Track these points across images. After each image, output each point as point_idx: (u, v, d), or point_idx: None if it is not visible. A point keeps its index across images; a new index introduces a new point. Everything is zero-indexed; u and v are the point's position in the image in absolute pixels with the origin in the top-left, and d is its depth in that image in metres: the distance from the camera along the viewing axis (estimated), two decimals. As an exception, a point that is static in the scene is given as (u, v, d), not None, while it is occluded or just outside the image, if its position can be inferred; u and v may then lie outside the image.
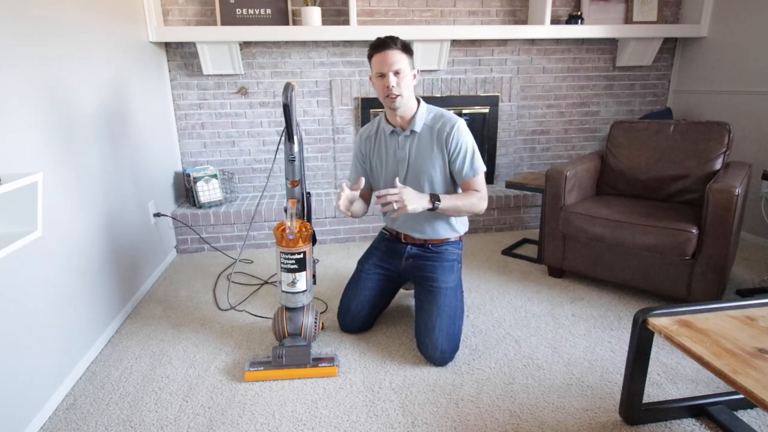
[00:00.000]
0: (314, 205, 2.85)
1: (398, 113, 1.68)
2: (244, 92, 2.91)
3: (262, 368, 1.60)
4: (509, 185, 2.62)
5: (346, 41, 2.90)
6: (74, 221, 1.69)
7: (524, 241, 2.87)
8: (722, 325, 1.22)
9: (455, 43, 2.99)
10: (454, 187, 1.76)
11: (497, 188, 3.15)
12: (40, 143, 1.50)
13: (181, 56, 2.82)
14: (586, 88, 3.24)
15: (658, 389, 1.51)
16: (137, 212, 2.27)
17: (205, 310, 2.10)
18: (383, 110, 1.77)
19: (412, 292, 2.14)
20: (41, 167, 1.50)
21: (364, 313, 1.83)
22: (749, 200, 2.67)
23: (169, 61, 2.82)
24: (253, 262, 2.66)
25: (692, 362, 1.64)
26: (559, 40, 3.10)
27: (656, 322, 1.24)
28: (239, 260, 2.67)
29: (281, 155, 3.02)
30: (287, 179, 1.66)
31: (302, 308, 1.65)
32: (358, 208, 1.71)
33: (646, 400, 1.43)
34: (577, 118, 3.30)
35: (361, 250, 2.68)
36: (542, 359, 1.68)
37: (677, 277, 1.96)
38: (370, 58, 1.64)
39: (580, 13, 2.96)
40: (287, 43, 2.87)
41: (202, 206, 2.80)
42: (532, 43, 3.10)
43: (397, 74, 1.59)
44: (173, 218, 2.70)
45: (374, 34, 2.61)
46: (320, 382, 1.58)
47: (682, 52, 3.24)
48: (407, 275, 1.86)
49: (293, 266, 1.57)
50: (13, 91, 1.38)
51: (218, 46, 2.69)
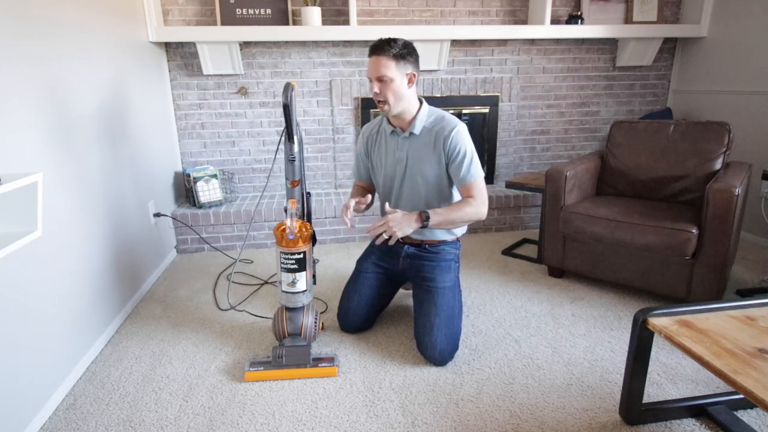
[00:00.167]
0: (314, 205, 2.85)
1: (391, 117, 1.68)
2: (244, 92, 2.91)
3: (262, 368, 1.60)
4: (509, 185, 2.62)
5: (346, 41, 2.90)
6: (74, 221, 1.69)
7: (524, 241, 2.87)
8: (722, 325, 1.22)
9: (455, 43, 2.99)
10: (450, 190, 1.76)
11: (497, 188, 3.15)
12: (40, 143, 1.50)
13: (181, 56, 2.82)
14: (586, 88, 3.24)
15: (658, 389, 1.51)
16: (137, 212, 2.27)
17: (205, 310, 2.10)
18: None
19: (411, 292, 2.13)
20: (41, 167, 1.50)
21: (363, 312, 1.83)
22: (749, 200, 2.68)
23: (169, 61, 2.82)
24: (253, 262, 2.67)
25: (692, 362, 1.64)
26: (559, 40, 3.10)
27: (656, 322, 1.24)
28: (239, 260, 2.67)
29: (281, 155, 3.02)
30: (287, 179, 1.66)
31: (302, 308, 1.65)
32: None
33: (646, 400, 1.43)
34: (577, 118, 3.30)
35: (360, 250, 2.68)
36: (542, 359, 1.68)
37: (677, 277, 1.96)
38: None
39: (580, 13, 2.96)
40: (287, 43, 2.87)
41: (202, 206, 2.80)
42: (532, 43, 3.10)
43: (381, 81, 1.58)
44: (173, 218, 2.70)
45: (374, 34, 2.62)
46: (320, 382, 1.58)
47: (682, 52, 3.24)
48: (405, 275, 1.86)
49: (293, 266, 1.57)
50: (13, 91, 1.38)
51: (218, 46, 2.69)
